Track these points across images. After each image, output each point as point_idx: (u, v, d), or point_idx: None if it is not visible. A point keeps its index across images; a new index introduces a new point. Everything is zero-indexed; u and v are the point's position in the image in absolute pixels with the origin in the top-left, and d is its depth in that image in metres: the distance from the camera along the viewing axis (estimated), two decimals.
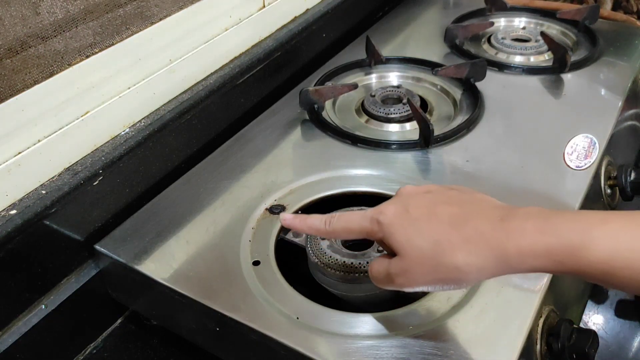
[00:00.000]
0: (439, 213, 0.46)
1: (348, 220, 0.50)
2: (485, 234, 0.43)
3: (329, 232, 0.50)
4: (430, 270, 0.45)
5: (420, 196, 0.48)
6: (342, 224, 0.50)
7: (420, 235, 0.45)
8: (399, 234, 0.46)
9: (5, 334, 0.58)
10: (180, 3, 0.73)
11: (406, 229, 0.46)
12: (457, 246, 0.44)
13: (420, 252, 0.45)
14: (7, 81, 0.56)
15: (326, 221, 0.50)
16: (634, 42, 0.96)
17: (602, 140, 0.74)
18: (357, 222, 0.49)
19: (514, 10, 1.06)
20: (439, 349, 0.51)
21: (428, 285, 0.46)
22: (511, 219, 0.44)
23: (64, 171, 0.63)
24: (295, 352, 0.51)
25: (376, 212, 0.48)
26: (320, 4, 0.98)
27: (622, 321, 0.73)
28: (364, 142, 0.75)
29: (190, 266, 0.60)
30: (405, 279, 0.46)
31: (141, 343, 0.67)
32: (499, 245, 0.43)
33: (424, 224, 0.45)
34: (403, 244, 0.45)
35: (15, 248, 0.57)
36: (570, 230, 0.42)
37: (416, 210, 0.46)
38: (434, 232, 0.45)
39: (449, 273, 0.44)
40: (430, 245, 0.44)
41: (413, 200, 0.48)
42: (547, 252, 0.42)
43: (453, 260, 0.44)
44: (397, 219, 0.46)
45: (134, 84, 0.69)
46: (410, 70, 0.91)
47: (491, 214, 0.45)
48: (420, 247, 0.45)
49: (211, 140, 0.79)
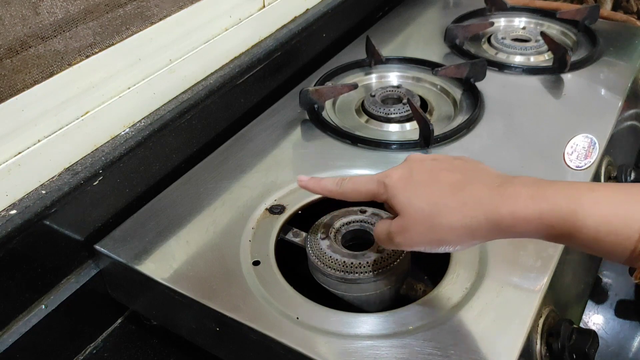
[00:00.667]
0: (441, 178, 0.48)
1: (357, 182, 0.53)
2: (481, 199, 0.46)
3: (340, 192, 0.53)
4: (426, 230, 0.47)
5: (426, 162, 0.51)
6: (352, 186, 0.53)
7: (420, 197, 0.48)
8: (401, 195, 0.49)
9: (5, 334, 0.58)
10: (180, 3, 0.73)
11: (408, 191, 0.49)
12: (454, 209, 0.46)
13: (418, 213, 0.47)
14: (7, 81, 0.56)
15: (337, 182, 0.54)
16: (634, 42, 0.96)
17: (602, 140, 0.74)
18: (365, 184, 0.52)
19: (514, 10, 1.06)
20: (439, 349, 0.51)
21: (424, 245, 0.48)
22: (507, 186, 0.46)
23: (64, 171, 0.63)
24: (295, 352, 0.51)
25: (383, 175, 0.51)
26: (320, 4, 0.98)
27: (622, 321, 0.73)
28: (364, 142, 0.75)
29: (190, 266, 0.60)
30: (403, 238, 0.49)
31: (141, 343, 0.67)
32: (493, 210, 0.45)
33: (425, 187, 0.48)
34: (404, 205, 0.48)
35: (15, 248, 0.57)
36: (561, 197, 0.44)
37: (420, 174, 0.49)
38: (433, 195, 0.47)
39: (443, 234, 0.47)
40: (428, 207, 0.47)
41: (418, 166, 0.51)
42: (539, 217, 0.44)
43: (448, 222, 0.46)
44: (401, 182, 0.49)
45: (134, 84, 0.69)
46: (410, 70, 0.91)
47: (489, 181, 0.47)
48: (418, 208, 0.47)
49: (211, 140, 0.79)
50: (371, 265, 0.56)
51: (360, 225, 0.61)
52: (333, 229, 0.60)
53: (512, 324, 0.52)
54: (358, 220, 0.61)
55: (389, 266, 0.56)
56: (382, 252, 0.57)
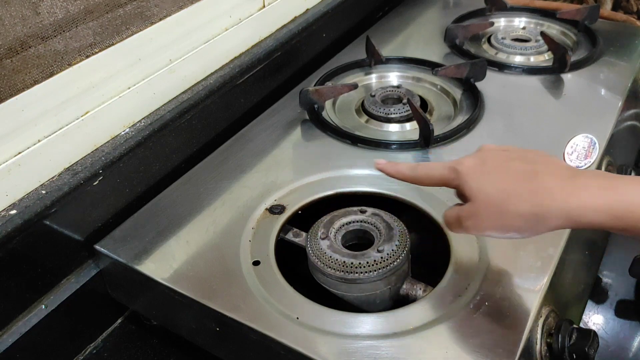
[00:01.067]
0: (512, 167, 0.50)
1: (430, 167, 0.54)
2: (552, 189, 0.47)
3: (414, 177, 0.55)
4: (496, 216, 0.49)
5: (498, 152, 0.52)
6: (425, 171, 0.54)
7: (491, 183, 0.49)
8: (472, 182, 0.50)
9: (5, 334, 0.58)
10: (180, 3, 0.73)
11: (479, 177, 0.50)
12: (524, 197, 0.47)
13: (488, 198, 0.49)
14: (7, 81, 0.56)
15: (412, 167, 0.55)
16: (634, 42, 0.96)
17: (602, 140, 0.74)
18: (438, 169, 0.53)
19: (514, 10, 1.06)
20: (439, 349, 0.51)
21: (492, 230, 0.50)
22: (578, 177, 0.48)
23: (64, 171, 0.63)
24: (295, 352, 0.51)
25: (455, 163, 0.52)
26: (320, 4, 0.98)
27: (622, 321, 0.73)
28: (364, 142, 0.75)
29: (190, 266, 0.60)
30: (472, 222, 0.50)
31: (141, 343, 0.67)
32: (563, 200, 0.46)
33: (496, 175, 0.50)
34: (474, 190, 0.50)
35: (15, 248, 0.57)
36: (630, 189, 0.46)
37: (492, 162, 0.51)
38: (504, 182, 0.49)
39: (512, 220, 0.48)
40: (498, 193, 0.48)
41: (490, 155, 0.52)
42: (608, 208, 0.45)
43: (518, 209, 0.47)
44: (472, 169, 0.51)
45: (134, 84, 0.69)
46: (410, 70, 0.91)
47: (560, 173, 0.49)
48: (489, 194, 0.49)
49: (211, 140, 0.79)
50: (371, 265, 0.56)
51: (360, 225, 0.61)
52: (333, 229, 0.60)
53: (512, 324, 0.52)
54: (358, 220, 0.61)
55: (389, 266, 0.56)
56: (382, 252, 0.57)
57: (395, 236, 0.58)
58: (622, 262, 0.75)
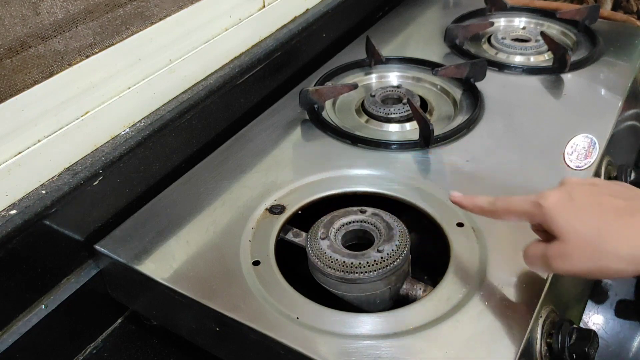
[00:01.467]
0: (604, 203, 0.47)
1: (510, 201, 0.52)
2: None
3: (492, 211, 0.53)
4: (590, 257, 0.45)
5: (585, 187, 0.50)
6: (505, 205, 0.52)
7: (582, 221, 0.46)
8: (561, 219, 0.47)
9: (5, 334, 0.58)
10: (180, 3, 0.73)
11: (569, 214, 0.47)
12: (621, 237, 0.45)
13: (581, 238, 0.46)
14: (7, 81, 0.56)
15: (490, 201, 0.53)
16: (634, 42, 0.96)
17: (602, 140, 0.74)
18: (519, 204, 0.51)
19: (514, 10, 1.06)
20: (439, 349, 0.51)
21: (585, 272, 0.47)
22: None
23: (64, 171, 0.63)
24: (295, 352, 0.51)
25: (538, 197, 0.49)
26: (320, 4, 0.98)
27: (622, 321, 0.73)
28: (364, 142, 0.75)
29: (190, 266, 0.60)
30: (563, 263, 0.47)
31: (141, 343, 0.67)
32: None
33: (587, 212, 0.47)
34: (564, 228, 0.47)
35: (15, 248, 0.57)
36: None
37: (580, 198, 0.48)
38: (597, 219, 0.46)
39: (608, 261, 0.45)
40: (592, 232, 0.45)
41: (577, 189, 0.49)
42: None
43: (614, 249, 0.44)
44: (559, 204, 0.48)
45: (134, 84, 0.69)
46: (410, 70, 0.91)
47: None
48: (582, 233, 0.46)
49: (211, 140, 0.79)
50: (371, 265, 0.56)
51: (360, 225, 0.61)
52: (333, 229, 0.60)
53: (512, 324, 0.52)
54: (358, 220, 0.61)
55: (389, 266, 0.56)
56: (382, 252, 0.57)
57: (395, 236, 0.58)
58: None
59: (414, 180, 0.69)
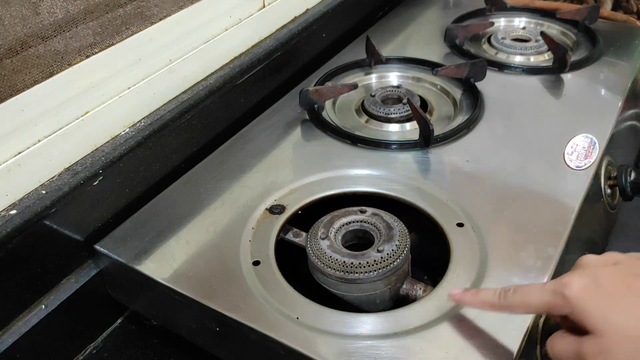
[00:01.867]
0: (635, 286, 0.42)
1: (526, 293, 0.46)
2: None
3: (504, 306, 0.47)
4: (636, 352, 0.40)
5: (609, 268, 0.44)
6: (520, 298, 0.46)
7: (619, 311, 0.41)
8: (593, 310, 0.42)
9: (5, 334, 0.58)
10: (180, 3, 0.73)
11: (601, 304, 0.42)
12: None
13: (622, 331, 0.41)
14: (7, 81, 0.56)
15: (500, 294, 0.47)
16: (634, 42, 0.96)
17: (602, 140, 0.74)
18: (537, 295, 0.45)
19: (514, 10, 1.06)
20: (439, 349, 0.51)
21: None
22: None
23: (64, 171, 0.63)
24: (295, 352, 0.51)
25: (559, 285, 0.44)
26: (320, 4, 0.98)
27: None
28: (364, 142, 0.75)
29: (190, 266, 0.60)
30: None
31: (141, 343, 0.67)
32: None
33: (622, 299, 0.42)
34: (600, 322, 0.41)
35: (15, 248, 0.57)
36: None
37: (609, 283, 0.42)
38: (636, 308, 0.41)
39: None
40: (634, 323, 0.41)
41: (602, 272, 0.44)
42: None
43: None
44: (587, 292, 0.42)
45: (134, 84, 0.69)
46: (410, 70, 0.91)
47: None
48: (622, 326, 0.41)
49: (211, 140, 0.79)
50: (371, 265, 0.56)
51: (360, 225, 0.61)
52: (333, 229, 0.60)
53: (512, 324, 0.52)
54: (358, 220, 0.61)
55: (389, 266, 0.56)
56: (382, 252, 0.57)
57: (395, 236, 0.58)
58: None
59: (414, 180, 0.69)
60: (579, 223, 0.64)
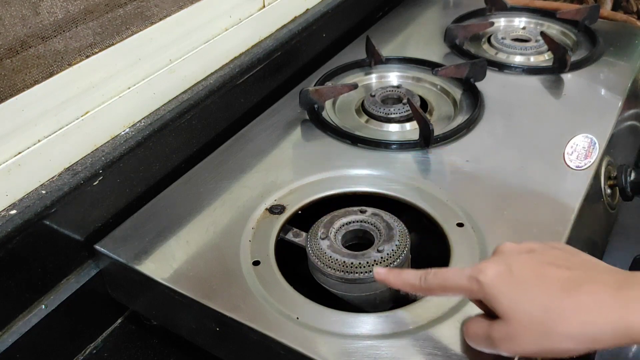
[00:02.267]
0: (547, 275, 0.44)
1: (444, 277, 0.48)
2: (601, 303, 0.41)
3: (424, 288, 0.49)
4: (539, 338, 0.42)
5: (524, 255, 0.46)
6: (438, 281, 0.48)
7: (527, 299, 0.43)
8: (502, 296, 0.44)
9: (5, 334, 0.58)
10: (180, 3, 0.73)
11: (511, 291, 0.44)
12: (571, 314, 0.42)
13: (528, 318, 0.43)
14: (7, 81, 0.56)
15: (421, 277, 0.48)
16: (634, 42, 0.96)
17: (602, 140, 0.74)
18: (454, 280, 0.47)
19: (514, 10, 1.06)
20: (439, 349, 0.51)
21: (535, 354, 0.44)
22: (629, 288, 0.42)
23: (64, 171, 0.63)
24: (295, 352, 0.51)
25: (475, 271, 0.45)
26: (320, 4, 0.98)
27: None
28: (364, 142, 0.75)
29: (190, 266, 0.60)
30: (510, 345, 0.44)
31: (141, 343, 0.67)
32: (620, 318, 0.41)
33: (531, 287, 0.43)
34: (508, 308, 0.43)
35: (15, 248, 0.57)
36: None
37: (521, 271, 0.44)
38: (543, 296, 0.43)
39: (560, 343, 0.42)
40: (539, 311, 0.42)
41: (516, 260, 0.46)
42: None
43: (566, 330, 0.42)
44: (499, 279, 0.44)
45: (134, 84, 0.69)
46: (410, 70, 0.91)
47: (605, 280, 0.43)
48: (528, 312, 0.43)
49: (211, 140, 0.79)
50: (371, 265, 0.56)
51: (360, 225, 0.61)
52: (333, 229, 0.60)
53: None
54: (358, 220, 0.61)
55: (389, 266, 0.56)
56: (382, 252, 0.57)
57: (395, 236, 0.58)
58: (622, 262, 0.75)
59: (414, 180, 0.69)
60: (579, 223, 0.64)
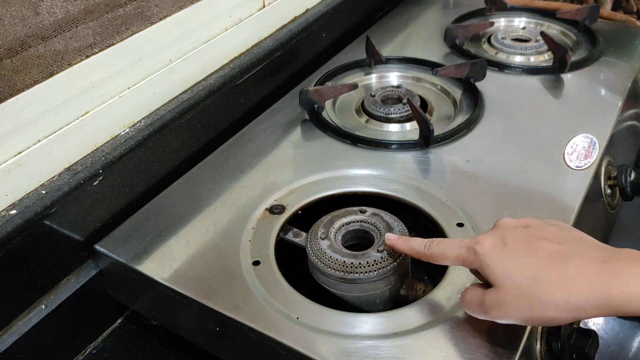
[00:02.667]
0: (539, 248, 0.46)
1: (445, 246, 0.51)
2: (586, 275, 0.44)
3: (427, 255, 0.52)
4: (526, 306, 0.45)
5: (519, 230, 0.49)
6: (440, 249, 0.51)
7: (518, 269, 0.46)
8: (495, 266, 0.47)
9: (5, 334, 0.58)
10: (180, 3, 0.73)
11: (503, 261, 0.46)
12: (557, 284, 0.44)
13: (517, 287, 0.45)
14: (7, 81, 0.56)
15: (425, 245, 0.52)
16: (634, 42, 0.96)
17: (602, 140, 0.74)
18: (454, 249, 0.50)
19: (514, 10, 1.06)
20: (439, 349, 0.51)
21: (522, 321, 0.47)
22: (614, 262, 0.44)
23: (64, 171, 0.63)
24: (295, 352, 0.51)
25: (473, 242, 0.49)
26: (320, 4, 0.98)
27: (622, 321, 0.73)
28: (364, 142, 0.75)
29: (190, 266, 0.60)
30: (500, 311, 0.47)
31: (141, 343, 0.67)
32: (603, 288, 0.43)
33: (522, 259, 0.46)
34: (500, 277, 0.46)
35: (15, 248, 0.57)
36: None
37: (515, 243, 0.47)
38: (532, 267, 0.45)
39: (546, 311, 0.44)
40: (528, 281, 0.45)
41: (511, 233, 0.48)
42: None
43: (552, 298, 0.44)
44: (494, 250, 0.47)
45: (134, 84, 0.69)
46: (410, 70, 0.91)
47: (592, 254, 0.45)
48: (517, 282, 0.45)
49: (211, 140, 0.79)
50: (371, 265, 0.56)
51: (360, 225, 0.61)
52: (333, 229, 0.60)
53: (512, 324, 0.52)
54: (358, 220, 0.61)
55: (389, 266, 0.56)
56: (382, 252, 0.57)
57: None
58: None
59: (414, 180, 0.69)
60: (579, 223, 0.64)
